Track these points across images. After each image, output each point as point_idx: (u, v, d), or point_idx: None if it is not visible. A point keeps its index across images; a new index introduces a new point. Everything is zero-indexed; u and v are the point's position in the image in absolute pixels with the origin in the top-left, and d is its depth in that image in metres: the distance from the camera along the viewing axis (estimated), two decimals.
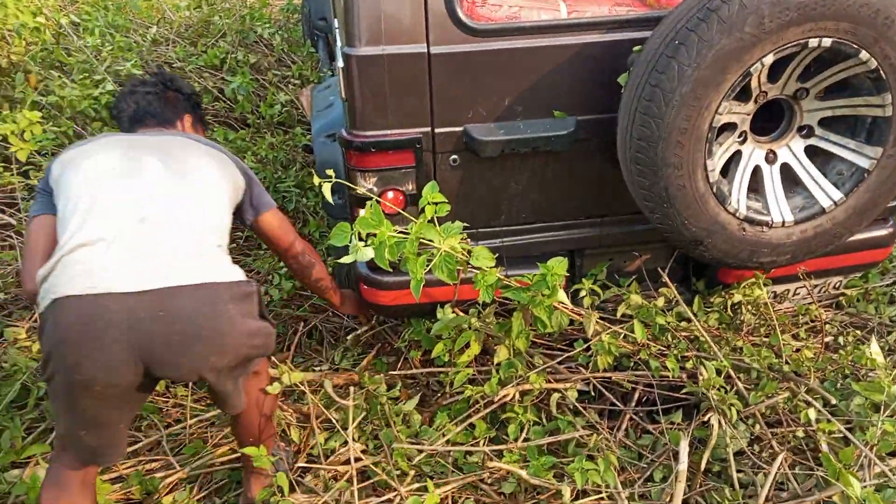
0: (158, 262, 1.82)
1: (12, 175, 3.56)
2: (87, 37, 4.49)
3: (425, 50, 2.17)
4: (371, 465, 2.31)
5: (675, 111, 1.95)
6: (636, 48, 2.11)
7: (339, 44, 2.34)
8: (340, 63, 2.27)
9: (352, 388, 2.56)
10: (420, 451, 2.32)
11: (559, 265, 2.01)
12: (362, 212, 2.02)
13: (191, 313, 1.80)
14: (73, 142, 3.93)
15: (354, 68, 2.19)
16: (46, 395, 2.67)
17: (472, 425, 2.43)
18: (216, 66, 4.65)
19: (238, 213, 2.22)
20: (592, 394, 2.44)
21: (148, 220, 1.87)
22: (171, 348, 1.80)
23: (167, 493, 2.42)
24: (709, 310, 2.60)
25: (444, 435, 2.38)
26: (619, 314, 2.41)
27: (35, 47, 4.28)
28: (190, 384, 2.81)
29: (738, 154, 2.16)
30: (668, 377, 2.34)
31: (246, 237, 3.66)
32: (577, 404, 2.37)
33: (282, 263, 3.33)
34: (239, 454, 2.52)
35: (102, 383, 1.79)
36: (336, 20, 2.58)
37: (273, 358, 3.03)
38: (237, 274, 1.96)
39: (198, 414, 2.68)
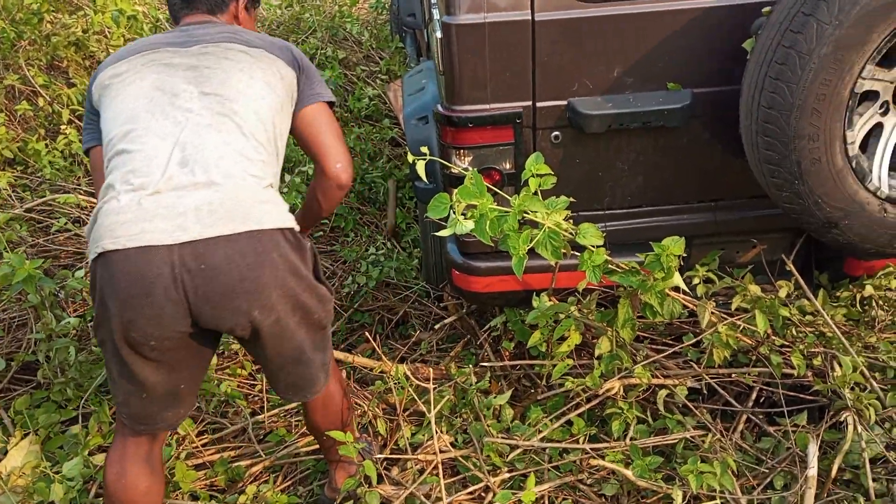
0: (200, 209, 1.66)
1: None
2: None
3: (529, 17, 2.04)
4: (460, 458, 2.18)
5: (813, 75, 1.75)
6: (765, 10, 1.92)
7: (437, 16, 2.25)
8: (438, 34, 2.16)
9: (432, 378, 2.44)
10: (513, 448, 2.18)
11: (676, 244, 1.84)
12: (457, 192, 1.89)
13: (231, 265, 1.66)
14: None
15: (454, 38, 2.08)
16: None
17: (569, 422, 2.27)
18: None
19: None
20: (704, 392, 2.24)
21: (188, 161, 1.70)
22: (213, 303, 1.67)
23: (251, 482, 2.35)
24: (835, 305, 2.37)
25: (539, 431, 2.22)
26: (733, 307, 2.20)
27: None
28: None
29: (878, 127, 1.94)
30: (792, 375, 2.12)
31: (332, 227, 3.61)
32: (687, 402, 2.17)
33: (371, 251, 3.27)
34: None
35: (157, 337, 1.69)
36: None
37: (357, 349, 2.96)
38: (287, 220, 1.78)
39: (281, 403, 2.61)
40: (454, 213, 1.80)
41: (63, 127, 3.69)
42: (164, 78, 1.81)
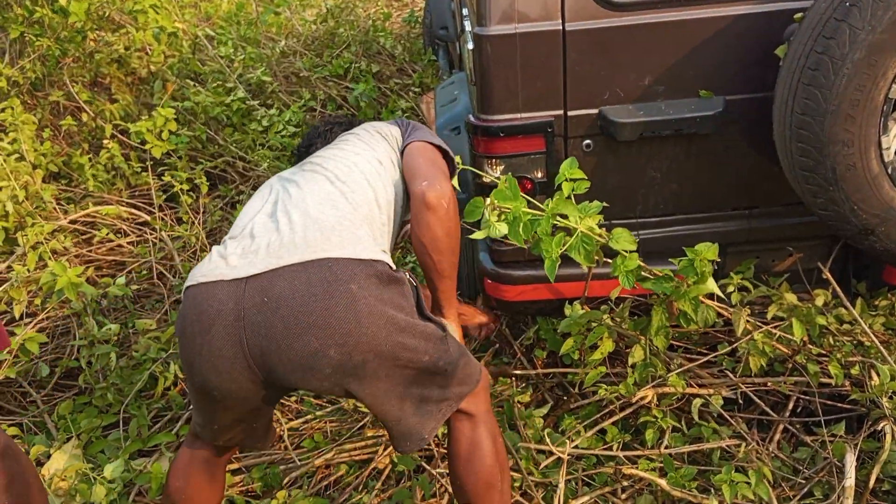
0: (273, 245, 1.59)
1: (148, 175, 3.70)
2: (220, 48, 4.67)
3: (560, 27, 2.06)
4: None
5: (847, 80, 1.74)
6: (797, 16, 1.91)
7: (468, 27, 2.27)
8: (470, 45, 2.19)
9: None
10: (547, 455, 2.17)
11: (709, 250, 1.83)
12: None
13: (296, 294, 1.49)
14: (205, 145, 4.07)
15: (485, 49, 2.11)
16: (174, 384, 2.72)
17: (603, 431, 2.27)
18: (340, 76, 4.74)
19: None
20: (740, 402, 2.22)
21: (276, 212, 1.70)
22: (275, 341, 1.50)
23: (287, 487, 2.38)
24: (873, 314, 2.33)
25: (571, 440, 2.22)
26: (769, 315, 2.18)
27: (172, 59, 4.49)
28: None
29: None
30: (829, 384, 2.09)
31: None
32: (722, 412, 2.15)
33: (407, 258, 3.29)
34: (352, 451, 2.43)
35: (217, 389, 1.59)
36: (465, 7, 2.52)
37: None
38: (378, 255, 1.61)
39: (308, 410, 2.63)
40: (488, 216, 1.82)
41: (106, 141, 3.79)
42: (276, 183, 1.90)
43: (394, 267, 1.65)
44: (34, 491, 1.76)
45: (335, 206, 1.70)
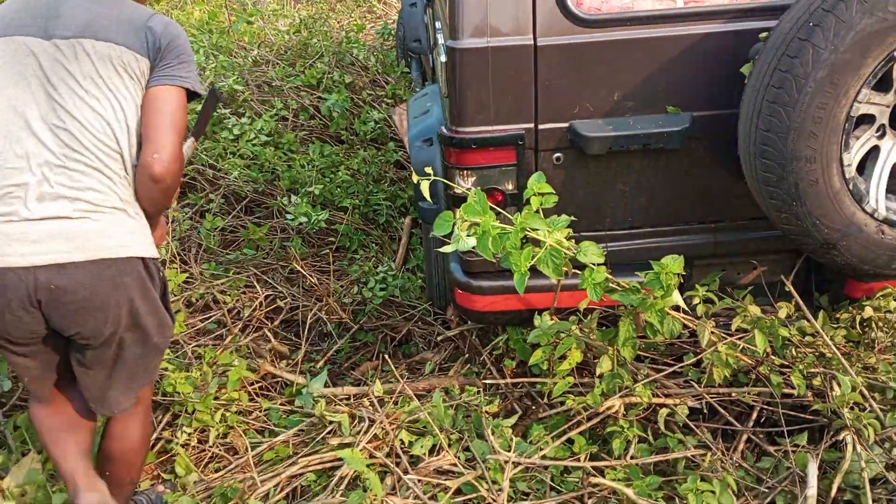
0: (53, 233, 1.77)
1: None
2: None
3: (531, 42, 2.10)
4: (473, 481, 2.17)
5: (809, 98, 1.79)
6: (763, 35, 1.96)
7: (441, 40, 2.30)
8: (443, 58, 2.22)
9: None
10: (515, 465, 2.18)
11: (675, 263, 1.86)
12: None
13: (77, 289, 1.79)
14: None
15: (457, 62, 2.13)
16: None
17: (570, 441, 2.28)
18: (313, 86, 4.73)
19: None
20: (704, 412, 2.25)
21: (44, 196, 1.77)
22: (66, 318, 1.83)
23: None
24: (835, 326, 2.38)
25: (540, 449, 2.23)
26: (733, 327, 2.22)
27: None
28: None
29: (875, 150, 1.97)
30: (792, 395, 2.13)
31: (338, 247, 3.63)
32: (688, 422, 2.18)
33: (379, 269, 3.31)
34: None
35: (22, 338, 1.87)
36: (438, 20, 2.55)
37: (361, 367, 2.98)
38: (146, 249, 1.89)
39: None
40: (457, 230, 1.83)
41: None
42: (20, 94, 1.79)
43: (153, 255, 1.92)
44: None
45: (105, 202, 1.82)
